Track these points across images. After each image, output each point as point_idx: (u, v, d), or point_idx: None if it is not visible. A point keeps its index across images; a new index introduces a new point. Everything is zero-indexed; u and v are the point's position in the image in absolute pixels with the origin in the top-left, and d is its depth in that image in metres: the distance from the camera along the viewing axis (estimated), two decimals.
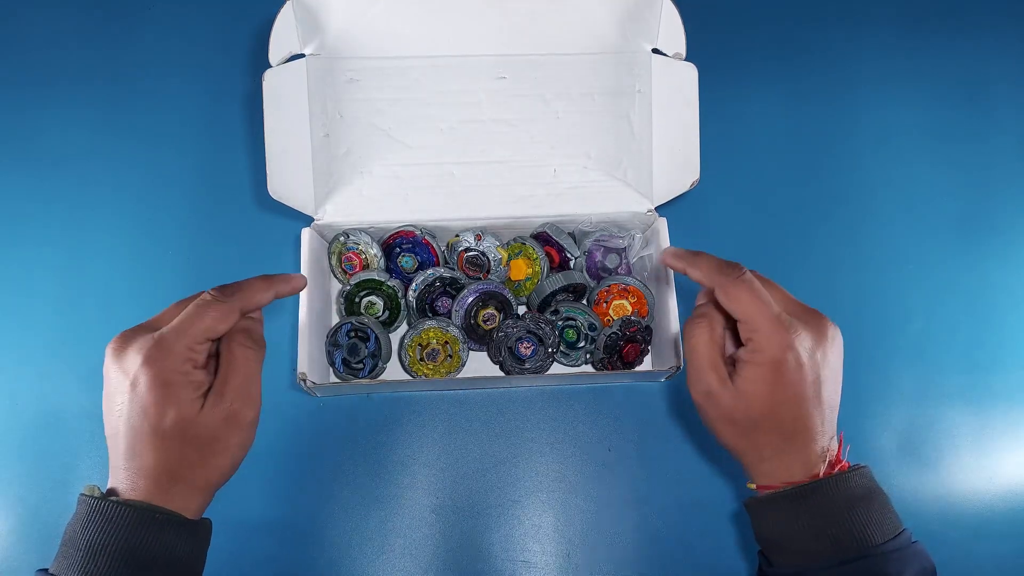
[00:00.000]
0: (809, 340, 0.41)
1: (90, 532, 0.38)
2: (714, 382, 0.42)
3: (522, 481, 0.61)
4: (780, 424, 0.41)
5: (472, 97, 0.61)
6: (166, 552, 0.39)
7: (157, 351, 0.39)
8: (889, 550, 0.39)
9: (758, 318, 0.41)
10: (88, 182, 0.68)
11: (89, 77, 0.71)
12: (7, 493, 0.59)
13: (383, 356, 0.59)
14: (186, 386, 0.39)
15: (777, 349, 0.40)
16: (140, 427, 0.39)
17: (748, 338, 0.41)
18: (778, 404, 0.41)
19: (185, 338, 0.39)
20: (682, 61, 0.58)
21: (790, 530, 0.41)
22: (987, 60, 0.76)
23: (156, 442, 0.39)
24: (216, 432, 0.40)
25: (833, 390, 0.43)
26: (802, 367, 0.40)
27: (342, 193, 0.61)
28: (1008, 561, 0.61)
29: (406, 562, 0.58)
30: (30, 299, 0.64)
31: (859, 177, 0.72)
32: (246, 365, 0.42)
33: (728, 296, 0.42)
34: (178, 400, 0.39)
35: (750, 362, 0.41)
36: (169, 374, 0.39)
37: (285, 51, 0.55)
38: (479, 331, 0.61)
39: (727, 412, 0.42)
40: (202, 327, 0.40)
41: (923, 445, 0.64)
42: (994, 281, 0.69)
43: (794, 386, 0.40)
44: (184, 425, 0.39)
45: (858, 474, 0.41)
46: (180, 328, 0.40)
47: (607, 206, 0.62)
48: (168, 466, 0.39)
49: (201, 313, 0.40)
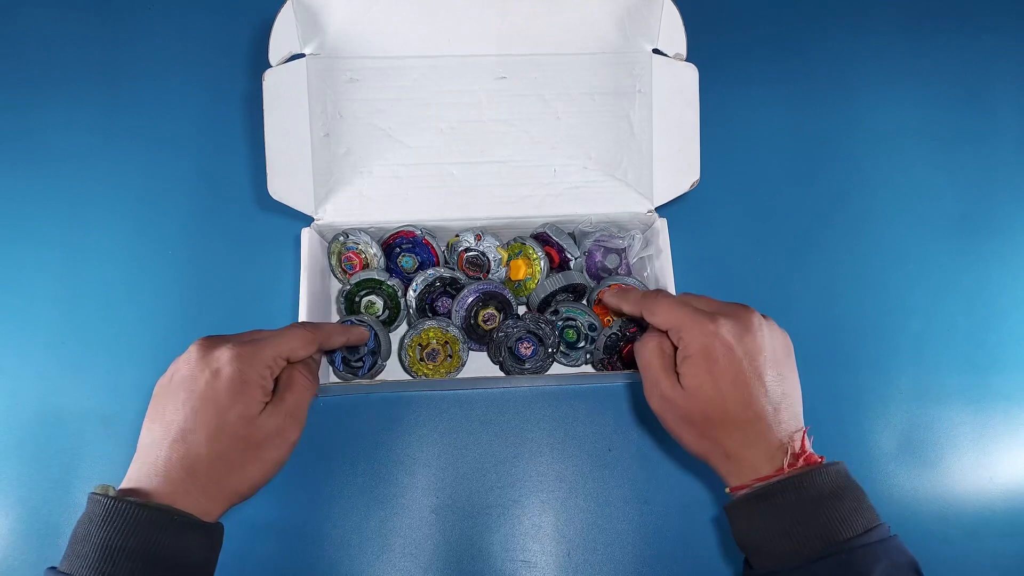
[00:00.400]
0: (732, 326, 0.44)
1: (107, 532, 0.38)
2: (666, 387, 0.45)
3: (522, 481, 0.61)
4: (730, 413, 0.43)
5: (472, 97, 0.61)
6: (183, 554, 0.39)
7: (249, 351, 0.43)
8: (858, 545, 0.39)
9: (679, 318, 0.45)
10: (88, 182, 0.68)
11: (89, 77, 0.71)
12: (7, 493, 0.59)
13: (383, 354, 0.59)
14: (259, 389, 0.43)
15: (701, 336, 0.44)
16: (204, 414, 0.41)
17: (678, 339, 0.45)
18: (722, 392, 0.43)
19: (273, 349, 0.44)
20: (682, 61, 0.58)
21: (761, 531, 0.41)
22: (987, 60, 0.77)
23: (213, 432, 0.41)
24: (265, 439, 0.43)
25: (776, 376, 0.44)
26: (731, 350, 0.43)
27: (342, 193, 0.61)
28: (1008, 561, 0.61)
29: (406, 562, 0.58)
30: (30, 299, 0.64)
31: (859, 177, 0.72)
32: (303, 390, 0.46)
33: (650, 312, 0.47)
34: (248, 398, 0.43)
35: (685, 358, 0.45)
36: (250, 374, 0.43)
37: (285, 51, 0.55)
38: (479, 331, 0.61)
39: (682, 413, 0.45)
40: (290, 346, 0.45)
41: (923, 445, 0.64)
42: (994, 281, 0.69)
43: (730, 370, 0.43)
44: (244, 422, 0.42)
45: (828, 471, 0.41)
46: (272, 341, 0.45)
47: (607, 206, 0.62)
48: (211, 461, 0.41)
49: (293, 336, 0.46)
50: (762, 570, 0.42)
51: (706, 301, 0.47)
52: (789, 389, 0.44)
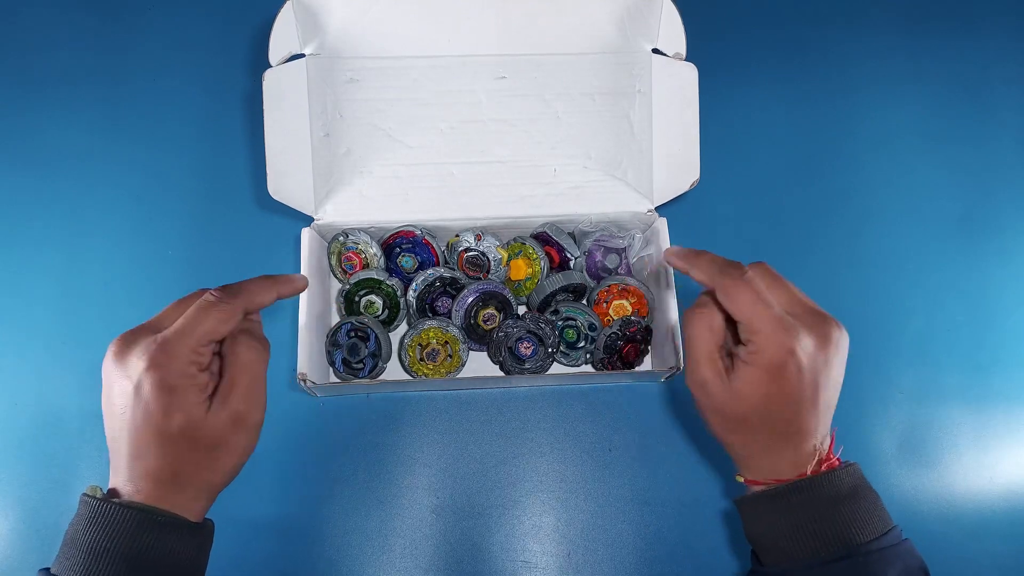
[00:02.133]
0: (812, 344, 0.40)
1: (92, 534, 0.37)
2: (709, 375, 0.41)
3: (522, 481, 0.61)
4: (772, 425, 0.41)
5: (472, 97, 0.61)
6: (168, 555, 0.39)
7: (161, 355, 0.38)
8: (873, 549, 0.38)
9: (758, 321, 0.40)
10: (88, 182, 0.68)
11: (89, 77, 0.71)
12: (7, 493, 0.59)
13: (383, 356, 0.59)
14: (191, 389, 0.39)
15: (776, 353, 0.39)
16: (144, 430, 0.38)
17: (748, 339, 0.40)
18: (772, 407, 0.40)
19: (189, 340, 0.39)
20: (682, 61, 0.58)
21: (775, 529, 0.41)
22: (987, 61, 0.76)
23: (161, 446, 0.38)
24: (222, 435, 0.40)
25: (832, 394, 0.42)
26: (801, 372, 0.39)
27: (342, 193, 0.61)
28: (1008, 561, 0.61)
29: (406, 562, 0.58)
30: (30, 299, 0.64)
31: (859, 177, 0.72)
32: (252, 366, 0.42)
33: (728, 297, 0.41)
34: (183, 404, 0.38)
35: (748, 363, 0.40)
36: (174, 378, 0.38)
37: (285, 51, 0.55)
38: (479, 331, 0.61)
39: (719, 406, 0.42)
40: (205, 329, 0.39)
41: (923, 445, 0.64)
42: (994, 281, 0.69)
43: (791, 391, 0.40)
44: (190, 429, 0.39)
45: (845, 472, 0.41)
46: (183, 330, 0.39)
47: (607, 206, 0.62)
48: (173, 469, 0.39)
49: (204, 315, 0.40)
50: (774, 568, 0.41)
51: (788, 298, 0.42)
52: (834, 402, 0.42)
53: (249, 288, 0.43)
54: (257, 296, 0.43)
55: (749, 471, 0.43)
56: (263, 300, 0.44)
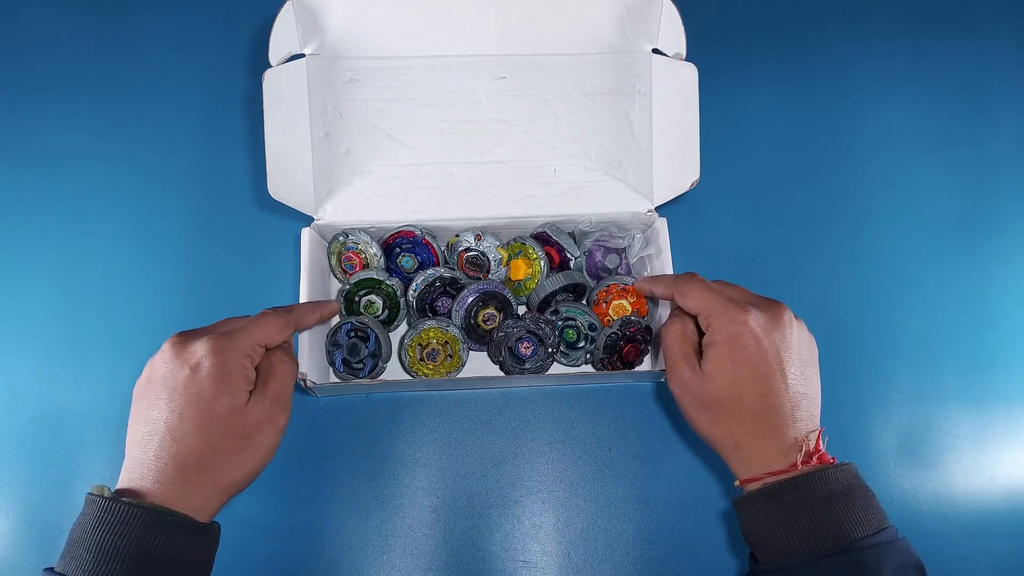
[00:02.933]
0: (763, 319, 0.44)
1: (100, 533, 0.38)
2: (685, 370, 0.46)
3: (522, 481, 0.61)
4: (746, 402, 0.43)
5: (472, 97, 0.61)
6: (177, 555, 0.39)
7: (225, 343, 0.43)
8: (868, 545, 0.39)
9: (710, 304, 0.45)
10: (88, 182, 0.68)
11: (88, 77, 0.71)
12: (7, 493, 0.59)
13: (383, 356, 0.59)
14: (242, 379, 0.43)
15: (730, 325, 0.44)
16: (190, 411, 0.41)
17: (707, 325, 0.46)
18: (741, 380, 0.43)
19: (250, 338, 0.45)
20: (682, 61, 0.58)
21: (771, 526, 0.41)
22: (988, 61, 0.76)
23: (202, 427, 0.41)
24: (255, 427, 0.44)
25: (799, 374, 0.44)
26: (759, 341, 0.43)
27: (342, 193, 0.61)
28: (1008, 561, 0.61)
29: (406, 562, 0.58)
30: (30, 299, 0.64)
31: (859, 177, 0.72)
32: (285, 374, 0.47)
33: (682, 295, 0.47)
34: (233, 389, 0.43)
35: (710, 344, 0.45)
36: (231, 365, 0.43)
37: (285, 51, 0.55)
38: (479, 331, 0.61)
39: (698, 396, 0.45)
40: (265, 332, 0.46)
41: (923, 445, 0.64)
42: (994, 281, 0.69)
43: (753, 361, 0.43)
44: (232, 413, 0.42)
45: (839, 471, 0.41)
46: (247, 329, 0.45)
47: (607, 206, 0.62)
48: (204, 455, 0.41)
49: (266, 322, 0.46)
50: (770, 565, 0.42)
51: (739, 291, 0.48)
52: (809, 390, 0.44)
53: (299, 309, 0.50)
54: (305, 316, 0.51)
55: (741, 467, 0.44)
56: (309, 321, 0.51)
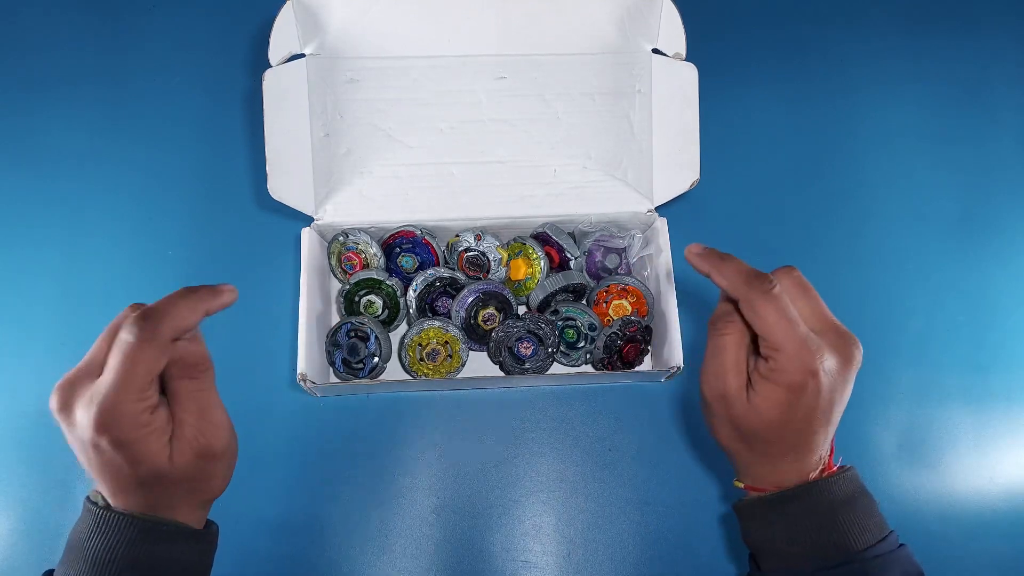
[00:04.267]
0: (834, 364, 0.39)
1: (95, 542, 0.37)
2: (732, 387, 0.40)
3: (522, 481, 0.61)
4: (785, 441, 0.40)
5: (472, 97, 0.61)
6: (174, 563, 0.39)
7: (106, 417, 0.35)
8: (870, 556, 0.38)
9: (782, 339, 0.38)
10: (88, 182, 0.68)
11: (89, 78, 0.71)
12: (7, 493, 0.59)
13: (383, 356, 0.59)
14: (149, 438, 0.37)
15: (799, 374, 0.38)
16: (119, 477, 0.37)
17: (769, 355, 0.39)
18: (787, 425, 0.39)
19: (128, 392, 0.35)
20: (682, 61, 0.58)
21: (773, 535, 0.41)
22: (988, 61, 0.76)
23: (139, 487, 0.37)
24: (194, 471, 0.38)
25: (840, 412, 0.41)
26: (820, 393, 0.38)
27: (342, 193, 0.61)
28: (1008, 561, 0.61)
29: (406, 562, 0.58)
30: (30, 299, 0.64)
31: (859, 177, 0.72)
32: (197, 396, 0.39)
33: (754, 311, 0.39)
34: (146, 454, 0.36)
35: (769, 380, 0.39)
36: (128, 433, 0.36)
37: (285, 51, 0.55)
38: (479, 331, 0.61)
39: (735, 419, 0.41)
40: (140, 374, 0.36)
41: (923, 445, 0.64)
42: (994, 281, 0.69)
43: (809, 411, 0.39)
44: (160, 475, 0.37)
45: (842, 478, 0.41)
46: (117, 384, 0.35)
47: (607, 206, 0.62)
48: (160, 503, 0.39)
49: (133, 361, 0.35)
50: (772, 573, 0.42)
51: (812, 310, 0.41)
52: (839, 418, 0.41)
53: (171, 312, 0.37)
54: (181, 320, 0.38)
55: (750, 478, 0.43)
56: (189, 322, 0.38)
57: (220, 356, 0.65)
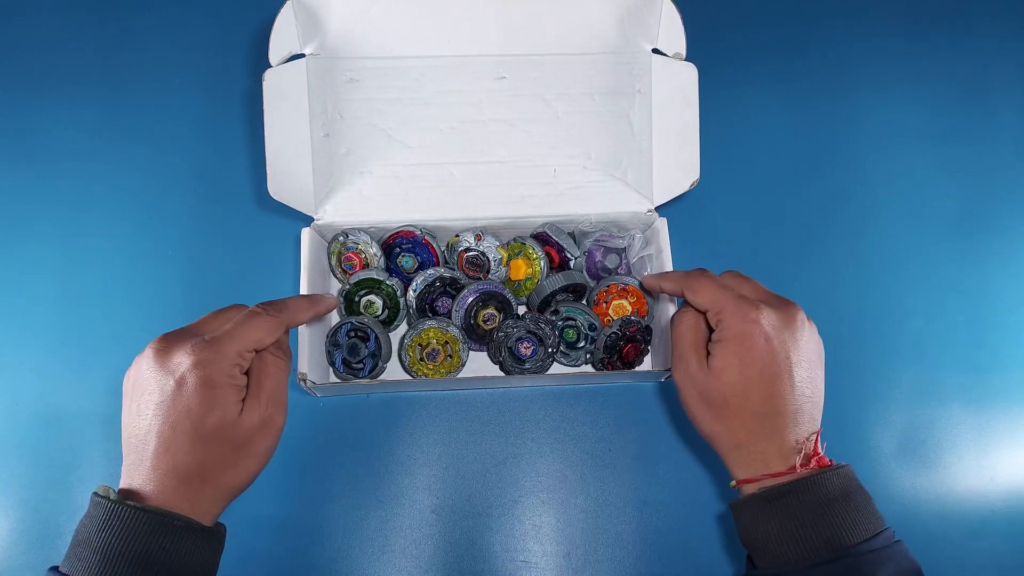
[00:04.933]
0: (775, 318, 0.43)
1: (106, 536, 0.37)
2: (692, 363, 0.45)
3: (522, 481, 0.61)
4: (750, 403, 0.42)
5: (472, 97, 0.61)
6: (182, 559, 0.39)
7: (210, 353, 0.40)
8: (864, 551, 0.39)
9: (721, 300, 0.44)
10: (88, 182, 0.68)
11: (88, 77, 0.71)
12: (7, 493, 0.59)
13: (383, 356, 0.59)
14: (231, 389, 0.41)
15: (741, 325, 0.43)
16: (180, 425, 0.40)
17: (717, 322, 0.45)
18: (748, 380, 0.42)
19: (237, 344, 0.41)
20: (682, 61, 0.58)
21: (767, 532, 0.41)
22: (988, 61, 0.76)
23: (196, 442, 0.40)
24: (251, 435, 0.42)
25: (807, 377, 0.43)
26: (769, 341, 0.42)
27: (342, 193, 0.61)
28: (1008, 561, 0.61)
29: (406, 562, 0.58)
30: (30, 299, 0.64)
31: (859, 177, 0.72)
32: (278, 374, 0.44)
33: (692, 290, 0.46)
34: (223, 402, 0.40)
35: (719, 341, 0.44)
36: (219, 376, 0.40)
37: (285, 51, 0.55)
38: (479, 331, 0.61)
39: (703, 392, 0.45)
40: (254, 337, 0.42)
41: (923, 445, 0.64)
42: (994, 281, 0.69)
43: (762, 360, 0.42)
44: (224, 427, 0.41)
45: (836, 473, 0.41)
46: (234, 334, 0.41)
47: (607, 206, 0.62)
48: (202, 467, 0.40)
49: (254, 324, 0.42)
50: (767, 570, 0.42)
51: (753, 286, 0.47)
52: (814, 393, 0.44)
53: (291, 306, 0.46)
54: (298, 314, 0.47)
55: (739, 468, 0.44)
56: (302, 318, 0.48)
57: None
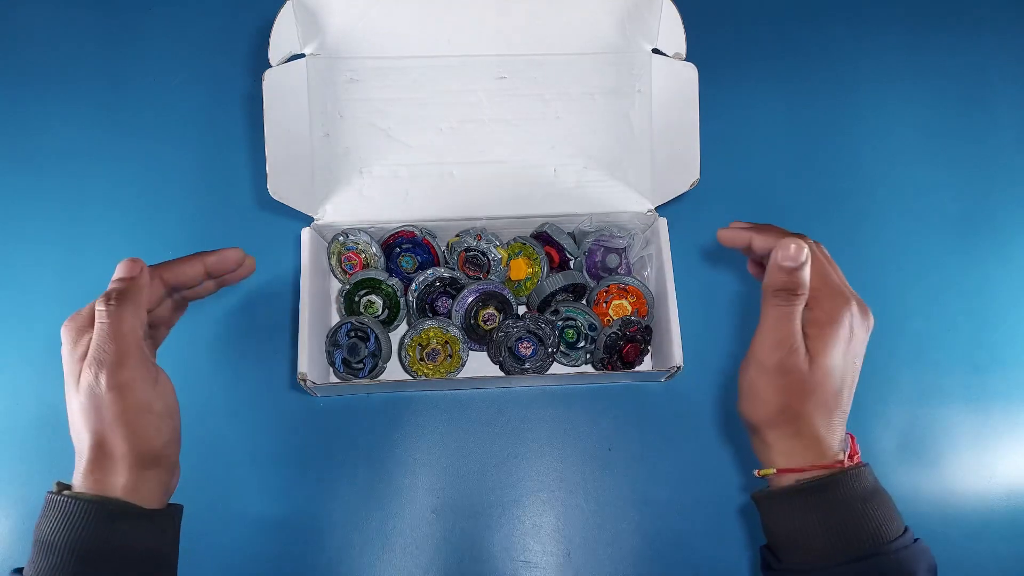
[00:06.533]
0: (859, 314, 0.42)
1: (43, 527, 0.38)
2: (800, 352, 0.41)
3: (522, 481, 0.61)
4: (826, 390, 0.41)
5: (472, 97, 0.61)
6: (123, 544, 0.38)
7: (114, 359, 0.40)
8: (900, 547, 0.39)
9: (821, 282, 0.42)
10: (88, 181, 0.68)
11: (90, 77, 0.71)
12: (7, 493, 0.59)
13: (383, 356, 0.59)
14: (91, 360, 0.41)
15: (838, 310, 0.41)
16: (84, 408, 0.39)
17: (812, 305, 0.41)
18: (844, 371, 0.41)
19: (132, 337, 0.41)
20: (682, 61, 0.58)
21: (803, 525, 0.40)
22: (987, 59, 0.76)
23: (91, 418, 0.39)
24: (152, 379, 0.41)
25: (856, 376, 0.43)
26: (854, 335, 0.41)
27: (342, 193, 0.61)
28: (1009, 561, 0.61)
29: (406, 562, 0.58)
30: (30, 298, 0.64)
31: (859, 176, 0.72)
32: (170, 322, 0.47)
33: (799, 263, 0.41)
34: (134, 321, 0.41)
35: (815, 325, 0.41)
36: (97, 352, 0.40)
37: (285, 51, 0.55)
38: (479, 331, 0.61)
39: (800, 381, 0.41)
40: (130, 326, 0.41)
41: (923, 445, 0.64)
42: (994, 281, 0.69)
43: (847, 351, 0.41)
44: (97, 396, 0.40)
45: (866, 470, 0.41)
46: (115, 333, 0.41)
47: (607, 206, 0.62)
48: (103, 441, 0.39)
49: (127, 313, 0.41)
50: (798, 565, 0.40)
51: (838, 272, 0.44)
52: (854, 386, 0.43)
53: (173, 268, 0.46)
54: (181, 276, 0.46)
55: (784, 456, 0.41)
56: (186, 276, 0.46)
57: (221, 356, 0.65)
